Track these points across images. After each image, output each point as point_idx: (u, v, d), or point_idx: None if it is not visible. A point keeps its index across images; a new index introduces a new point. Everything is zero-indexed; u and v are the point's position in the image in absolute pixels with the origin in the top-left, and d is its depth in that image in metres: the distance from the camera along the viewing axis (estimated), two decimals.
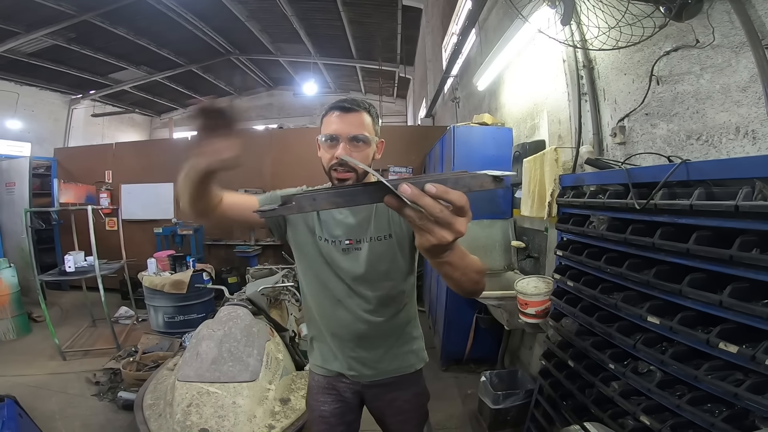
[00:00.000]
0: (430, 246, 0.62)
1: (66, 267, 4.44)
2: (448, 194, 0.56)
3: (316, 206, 0.62)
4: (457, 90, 5.98)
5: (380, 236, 1.34)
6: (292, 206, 0.60)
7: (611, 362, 1.67)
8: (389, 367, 1.47)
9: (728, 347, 1.17)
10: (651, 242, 1.47)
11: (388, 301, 1.39)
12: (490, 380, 2.92)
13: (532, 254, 3.18)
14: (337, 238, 1.35)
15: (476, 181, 0.59)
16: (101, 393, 3.47)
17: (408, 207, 0.57)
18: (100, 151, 7.36)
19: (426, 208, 0.56)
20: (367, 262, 1.34)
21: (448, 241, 0.60)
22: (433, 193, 0.55)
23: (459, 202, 0.57)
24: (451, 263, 0.77)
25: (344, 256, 1.35)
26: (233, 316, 2.64)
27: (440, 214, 0.57)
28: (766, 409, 1.08)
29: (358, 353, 1.43)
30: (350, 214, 1.36)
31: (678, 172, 1.40)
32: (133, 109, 13.83)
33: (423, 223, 0.58)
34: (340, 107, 1.26)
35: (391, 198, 0.57)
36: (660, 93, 1.85)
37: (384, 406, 1.52)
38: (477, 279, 0.92)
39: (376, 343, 1.43)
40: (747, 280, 1.18)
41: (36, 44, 8.50)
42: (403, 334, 1.49)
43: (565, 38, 2.04)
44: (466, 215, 0.60)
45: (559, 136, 2.70)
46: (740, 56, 1.47)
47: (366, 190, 0.61)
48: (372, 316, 1.38)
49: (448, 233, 0.60)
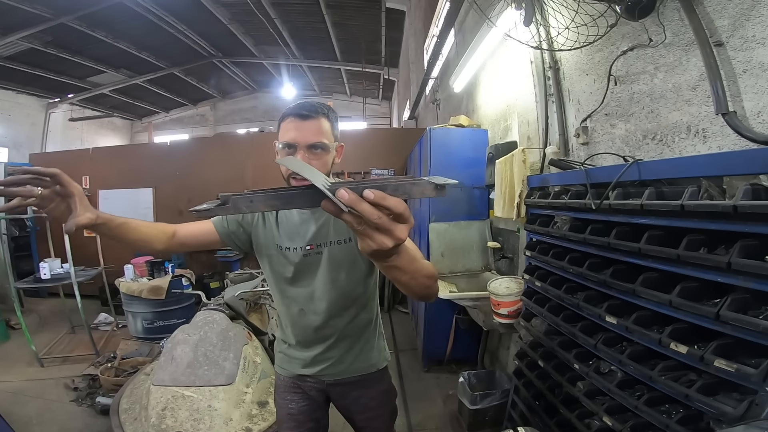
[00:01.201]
0: (371, 251, 0.62)
1: (41, 274, 4.38)
2: (385, 200, 0.56)
3: (253, 208, 0.61)
4: (438, 92, 6.00)
5: (339, 240, 1.34)
6: (227, 207, 0.60)
7: (576, 362, 1.69)
8: (352, 366, 1.49)
9: (678, 347, 1.18)
10: (607, 242, 1.48)
11: (348, 303, 1.41)
12: (468, 381, 2.94)
13: (506, 254, 3.21)
14: (298, 244, 1.36)
15: (417, 189, 0.58)
16: (79, 398, 3.46)
17: (345, 213, 0.56)
18: (76, 156, 7.24)
19: (363, 214, 0.55)
20: (328, 266, 1.35)
21: (388, 247, 0.60)
22: (371, 199, 0.55)
23: (397, 209, 0.57)
24: (399, 267, 0.77)
25: (305, 261, 1.36)
26: (209, 320, 2.65)
27: (378, 220, 0.56)
28: (716, 411, 1.08)
29: (322, 354, 1.45)
30: (311, 220, 1.36)
31: (630, 172, 1.42)
32: (113, 113, 13.62)
33: (362, 228, 0.58)
34: (297, 114, 1.25)
35: (329, 203, 0.56)
36: (618, 93, 1.87)
37: (350, 403, 1.55)
38: (428, 284, 0.92)
39: (339, 345, 1.45)
40: (697, 279, 1.19)
41: (12, 48, 8.33)
42: (365, 334, 1.51)
43: (528, 39, 2.05)
44: (406, 222, 0.59)
45: (528, 137, 2.73)
46: (690, 54, 1.48)
47: (304, 193, 0.60)
48: (333, 319, 1.40)
49: (388, 239, 0.59)
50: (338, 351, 1.46)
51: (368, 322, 1.51)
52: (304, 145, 1.23)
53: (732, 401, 1.07)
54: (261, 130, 7.46)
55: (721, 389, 1.12)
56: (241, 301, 3.32)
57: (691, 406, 1.19)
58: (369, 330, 1.52)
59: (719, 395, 1.11)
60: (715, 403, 1.09)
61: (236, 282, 4.19)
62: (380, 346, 1.57)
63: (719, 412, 1.08)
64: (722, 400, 1.09)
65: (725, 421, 1.07)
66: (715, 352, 1.10)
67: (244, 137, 7.84)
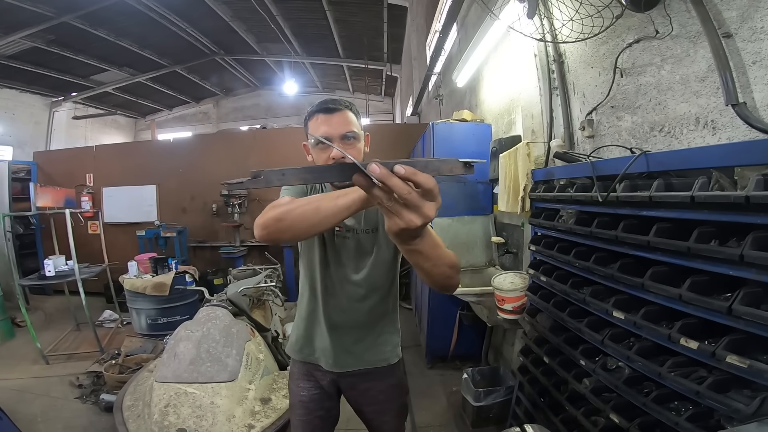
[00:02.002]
0: (398, 230, 0.62)
1: (46, 271, 4.39)
2: (416, 176, 0.56)
3: (284, 181, 0.61)
4: (441, 87, 5.98)
5: (368, 229, 1.39)
6: (259, 180, 0.61)
7: (582, 358, 1.67)
8: (362, 357, 1.49)
9: (689, 343, 1.16)
10: (614, 235, 1.46)
11: (368, 292, 1.43)
12: (472, 377, 2.92)
13: (510, 249, 3.18)
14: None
15: (446, 166, 0.59)
16: (84, 396, 3.47)
17: (376, 187, 0.57)
18: (80, 154, 7.27)
19: (394, 188, 0.56)
20: (354, 252, 1.40)
21: (416, 225, 0.60)
22: (401, 174, 0.55)
23: (427, 185, 0.57)
24: (422, 252, 0.77)
25: (334, 242, 1.40)
26: (212, 317, 2.64)
27: (408, 195, 0.56)
28: (727, 408, 1.05)
29: (337, 340, 1.46)
30: None
31: (638, 164, 1.39)
32: (116, 111, 13.66)
33: (391, 204, 0.58)
34: (324, 109, 1.30)
35: (360, 176, 0.57)
36: (624, 85, 1.84)
37: (358, 395, 1.56)
38: (449, 273, 0.92)
39: (353, 332, 1.46)
40: (707, 273, 1.17)
41: (15, 47, 8.36)
42: (380, 326, 1.51)
43: (532, 32, 2.02)
44: (434, 200, 0.59)
45: (532, 130, 2.70)
46: (698, 46, 1.46)
47: (335, 167, 0.61)
48: (352, 305, 1.43)
49: (416, 216, 0.59)
50: (351, 339, 1.46)
51: (383, 315, 1.52)
52: (338, 136, 1.27)
53: (744, 398, 1.04)
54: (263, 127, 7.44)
55: (733, 386, 1.09)
56: (244, 297, 3.31)
57: (701, 403, 1.16)
58: (384, 323, 1.52)
59: (730, 392, 1.09)
60: (727, 400, 1.06)
61: (239, 278, 4.19)
62: (394, 342, 1.56)
63: (731, 409, 1.05)
64: (734, 397, 1.06)
65: (737, 419, 1.04)
66: (727, 347, 1.07)
67: (247, 134, 7.83)
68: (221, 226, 6.40)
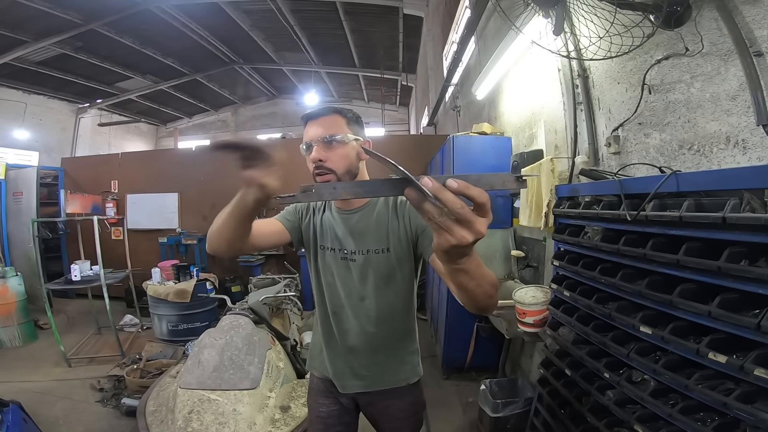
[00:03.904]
0: (449, 247, 0.60)
1: (72, 276, 4.49)
2: (469, 190, 0.55)
3: (336, 195, 0.63)
4: (458, 99, 6.00)
5: (378, 249, 1.35)
6: (311, 193, 0.62)
7: (606, 371, 1.67)
8: (381, 379, 1.47)
9: (717, 357, 1.17)
10: (643, 253, 1.47)
11: (381, 314, 1.39)
12: (489, 388, 2.92)
13: (531, 263, 3.19)
14: (336, 246, 1.39)
15: (498, 180, 0.59)
16: (105, 399, 3.52)
17: (428, 202, 0.56)
18: (106, 161, 7.44)
19: (447, 203, 0.54)
20: (361, 274, 1.36)
21: (467, 241, 0.58)
22: (454, 188, 0.54)
23: (480, 199, 0.56)
24: (468, 271, 0.74)
25: (341, 265, 1.38)
26: (235, 324, 2.68)
27: (461, 210, 0.55)
28: (754, 419, 1.07)
29: (350, 364, 1.44)
30: (349, 225, 1.38)
31: (668, 184, 1.41)
32: (139, 118, 13.98)
33: (443, 220, 0.56)
34: (308, 115, 1.33)
35: (412, 191, 0.56)
36: (652, 102, 1.85)
37: (377, 412, 1.54)
38: (491, 293, 0.88)
39: (368, 356, 1.43)
40: (736, 290, 1.18)
41: (44, 53, 8.63)
42: (397, 348, 1.48)
43: (558, 48, 2.05)
44: (486, 215, 0.58)
45: (555, 145, 2.71)
46: (729, 64, 1.47)
47: (387, 182, 0.61)
48: (365, 328, 1.39)
49: (468, 233, 0.57)
50: (365, 362, 1.44)
51: (401, 337, 1.48)
52: (318, 140, 1.27)
53: None
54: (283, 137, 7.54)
55: (759, 398, 1.11)
56: (265, 306, 3.36)
57: (728, 414, 1.18)
58: (401, 346, 1.49)
59: (757, 403, 1.10)
60: (754, 411, 1.08)
61: (259, 287, 4.25)
62: (414, 362, 1.54)
63: (757, 419, 1.07)
64: (761, 408, 1.08)
65: (763, 428, 1.06)
66: (755, 361, 1.09)
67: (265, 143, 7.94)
68: None
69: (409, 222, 1.34)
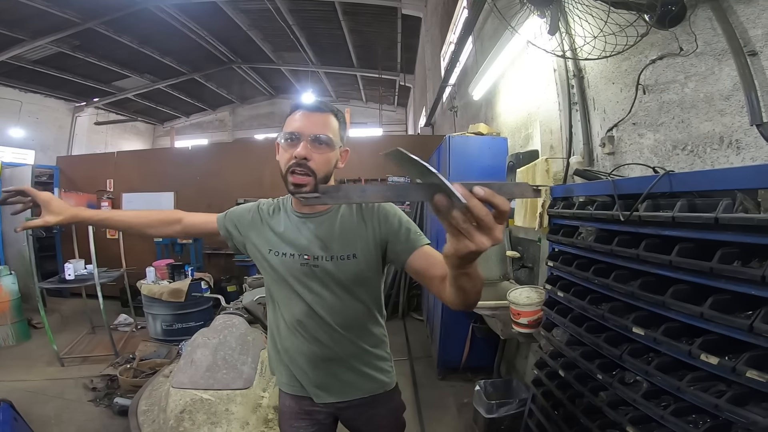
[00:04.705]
0: (467, 252, 0.61)
1: (66, 275, 4.47)
2: (494, 198, 0.56)
3: (364, 197, 0.62)
4: (455, 99, 5.99)
5: (344, 255, 1.27)
6: (339, 195, 0.61)
7: (599, 372, 1.66)
8: (359, 388, 1.40)
9: (709, 359, 1.16)
10: (636, 254, 1.46)
11: (349, 322, 1.33)
12: (484, 389, 2.91)
13: (526, 264, 3.18)
14: (296, 252, 1.28)
15: (518, 189, 0.61)
16: (98, 399, 3.50)
17: (455, 208, 0.56)
18: (102, 160, 7.42)
19: (473, 209, 0.55)
20: (326, 281, 1.28)
21: (486, 247, 0.59)
22: (481, 195, 0.55)
23: (503, 207, 0.57)
24: (471, 275, 0.77)
25: (302, 272, 1.28)
26: (229, 324, 2.66)
27: (485, 217, 0.56)
28: (746, 421, 1.06)
29: (321, 377, 1.36)
30: (312, 229, 1.29)
31: (661, 184, 1.40)
32: (136, 117, 13.95)
33: (466, 226, 0.57)
34: (305, 106, 1.23)
35: (442, 197, 0.56)
36: (646, 102, 1.85)
37: (362, 424, 1.47)
38: (481, 290, 0.92)
39: (340, 364, 1.36)
40: (729, 291, 1.17)
41: (41, 51, 8.62)
42: (369, 355, 1.40)
43: (554, 48, 2.04)
44: (504, 222, 0.60)
45: (551, 146, 2.71)
46: (723, 64, 1.47)
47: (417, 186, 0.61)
48: (333, 336, 1.32)
49: (487, 239, 0.59)
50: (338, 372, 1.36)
51: (373, 343, 1.42)
52: (308, 135, 1.17)
53: (762, 410, 1.05)
54: None
55: (751, 399, 1.10)
56: (259, 305, 3.34)
57: (720, 416, 1.17)
58: (374, 350, 1.42)
59: (749, 405, 1.10)
60: (745, 413, 1.07)
61: (254, 286, 4.22)
62: (386, 368, 1.47)
63: (749, 421, 1.06)
64: (752, 410, 1.07)
65: (755, 430, 1.05)
66: (747, 363, 1.08)
67: (262, 143, 7.94)
68: None
69: (378, 228, 1.28)
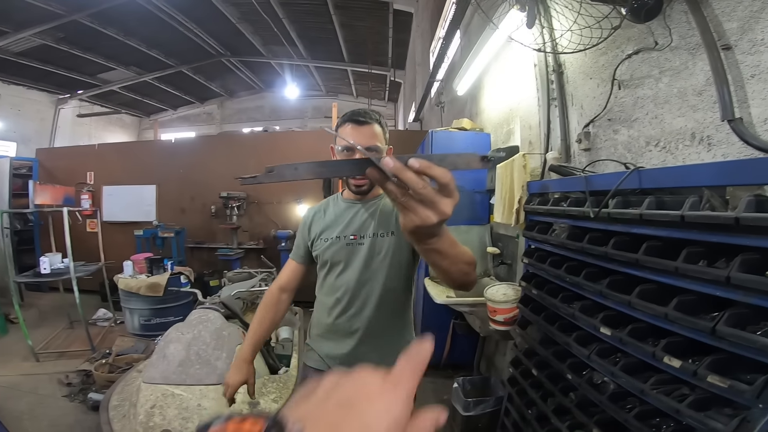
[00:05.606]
0: (413, 227, 0.60)
1: (41, 269, 4.39)
2: (431, 169, 0.54)
3: (297, 175, 0.62)
4: (443, 95, 5.96)
5: (383, 233, 1.44)
6: (272, 174, 0.61)
7: (569, 372, 1.64)
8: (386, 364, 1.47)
9: (672, 361, 1.14)
10: (605, 252, 1.44)
11: (387, 298, 1.46)
12: (462, 387, 2.89)
13: (505, 261, 3.16)
14: (342, 233, 1.48)
15: (462, 160, 0.58)
16: (72, 394, 3.45)
17: (390, 181, 0.55)
18: (82, 152, 7.29)
19: (408, 182, 0.54)
20: (368, 256, 1.44)
21: (432, 222, 0.58)
22: (416, 167, 0.54)
23: (443, 179, 0.55)
24: (440, 251, 0.76)
25: (347, 250, 1.47)
26: (204, 319, 2.64)
27: (423, 190, 0.55)
28: (705, 427, 1.03)
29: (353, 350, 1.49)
30: (356, 212, 1.50)
31: (630, 180, 1.37)
32: (121, 109, 13.72)
33: (405, 200, 0.57)
34: (354, 120, 1.41)
35: (374, 170, 0.56)
36: (622, 98, 1.82)
37: None
38: (467, 270, 0.93)
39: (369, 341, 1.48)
40: (696, 292, 1.14)
41: (24, 43, 8.42)
42: (399, 335, 1.54)
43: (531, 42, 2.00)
44: (451, 195, 0.57)
45: (530, 141, 2.68)
46: (697, 58, 1.44)
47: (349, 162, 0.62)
48: (372, 312, 1.46)
49: (432, 213, 0.57)
50: (367, 348, 1.48)
51: (403, 325, 1.56)
52: (362, 147, 1.34)
53: (723, 417, 1.03)
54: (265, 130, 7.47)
55: (714, 404, 1.08)
56: (238, 300, 3.30)
57: (683, 421, 1.14)
58: (404, 332, 1.55)
59: (711, 411, 1.07)
60: (705, 419, 1.05)
61: (234, 281, 4.17)
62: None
63: (709, 428, 1.04)
64: (713, 416, 1.05)
65: None
66: (709, 367, 1.06)
67: (248, 136, 7.86)
68: (219, 228, 6.39)
69: None
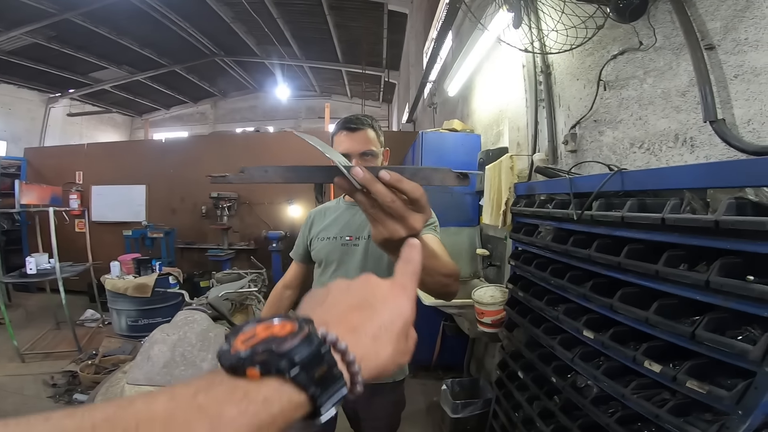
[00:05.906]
0: (382, 239, 0.57)
1: (27, 269, 4.33)
2: (401, 183, 0.52)
3: (267, 178, 0.61)
4: (435, 96, 5.95)
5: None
6: (243, 175, 0.60)
7: (554, 375, 1.63)
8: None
9: (652, 366, 1.12)
10: (588, 254, 1.42)
11: None
12: (451, 388, 2.87)
13: (494, 262, 3.14)
14: (339, 234, 1.51)
15: (437, 175, 0.56)
16: (57, 395, 3.42)
17: (358, 192, 0.53)
18: (71, 152, 7.22)
19: (377, 195, 0.52)
20: (362, 257, 1.46)
21: (400, 236, 0.55)
22: (386, 180, 0.51)
23: (414, 194, 0.53)
24: None
25: (342, 250, 1.49)
26: (190, 320, 2.60)
27: (392, 204, 0.52)
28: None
29: None
30: (355, 214, 1.52)
31: (613, 182, 1.36)
32: (112, 109, 13.60)
33: (374, 212, 0.55)
34: (347, 127, 1.41)
35: (342, 180, 0.54)
36: (607, 99, 1.81)
37: (361, 408, 1.56)
38: (445, 282, 0.90)
39: None
40: (677, 296, 1.13)
41: (15, 42, 8.34)
42: None
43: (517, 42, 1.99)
44: (422, 210, 0.55)
45: (518, 143, 2.67)
46: (680, 58, 1.43)
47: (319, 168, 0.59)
48: None
49: (401, 227, 0.55)
50: None
51: None
52: (357, 153, 1.37)
53: (702, 423, 1.02)
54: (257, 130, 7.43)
55: (694, 410, 1.07)
56: (226, 301, 3.26)
57: (663, 426, 1.13)
58: None
59: (691, 416, 1.06)
60: (684, 425, 1.04)
61: (223, 282, 4.13)
62: None
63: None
64: (692, 422, 1.04)
65: None
66: (688, 372, 1.04)
67: (240, 136, 7.81)
68: (210, 228, 6.33)
69: None
